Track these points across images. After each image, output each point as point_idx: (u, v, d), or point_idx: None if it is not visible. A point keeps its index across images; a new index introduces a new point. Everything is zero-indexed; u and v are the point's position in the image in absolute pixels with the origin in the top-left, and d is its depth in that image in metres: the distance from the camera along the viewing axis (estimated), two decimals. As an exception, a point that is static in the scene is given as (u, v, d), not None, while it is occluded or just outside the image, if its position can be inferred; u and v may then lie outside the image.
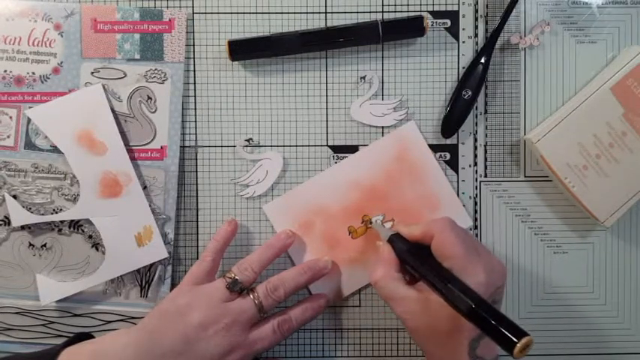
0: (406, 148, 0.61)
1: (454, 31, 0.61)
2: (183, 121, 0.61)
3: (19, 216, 0.59)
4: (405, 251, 0.53)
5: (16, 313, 0.61)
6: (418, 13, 0.60)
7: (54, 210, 0.60)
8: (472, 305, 0.45)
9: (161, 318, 0.54)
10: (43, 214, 0.60)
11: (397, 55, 0.61)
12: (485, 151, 0.62)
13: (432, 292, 0.49)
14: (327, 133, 0.61)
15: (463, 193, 0.62)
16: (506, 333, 0.43)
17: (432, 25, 0.61)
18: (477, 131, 0.62)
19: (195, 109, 0.61)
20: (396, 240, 0.55)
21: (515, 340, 0.42)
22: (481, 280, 0.49)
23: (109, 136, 0.59)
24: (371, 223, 0.61)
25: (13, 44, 0.59)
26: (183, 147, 0.61)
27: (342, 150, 0.61)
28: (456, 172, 0.62)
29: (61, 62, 0.60)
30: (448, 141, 0.61)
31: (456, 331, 0.49)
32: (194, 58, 0.61)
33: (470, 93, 0.60)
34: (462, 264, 0.50)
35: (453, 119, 0.60)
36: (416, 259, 0.52)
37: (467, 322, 0.46)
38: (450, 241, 0.51)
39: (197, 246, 0.62)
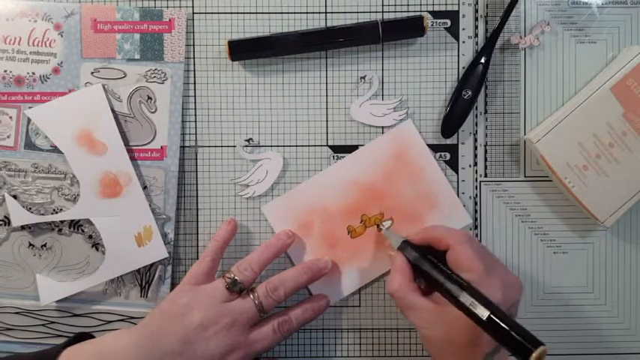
0: (404, 146, 0.61)
1: (454, 31, 0.61)
2: (183, 121, 0.61)
3: (19, 216, 0.59)
4: (417, 258, 0.53)
5: (16, 313, 0.61)
6: (418, 13, 0.60)
7: (54, 210, 0.60)
8: (488, 313, 0.45)
9: (161, 318, 0.54)
10: (43, 214, 0.60)
11: (397, 55, 0.61)
12: (486, 151, 0.62)
13: (449, 302, 0.49)
14: (327, 133, 0.61)
15: (463, 193, 0.62)
16: (523, 341, 0.43)
17: (432, 25, 0.61)
18: (477, 131, 0.62)
19: (195, 109, 0.61)
20: (406, 247, 0.55)
21: (531, 348, 0.42)
22: (497, 296, 0.48)
23: (109, 136, 0.59)
24: (380, 229, 0.60)
25: (13, 44, 0.59)
26: (183, 147, 0.61)
27: (342, 150, 0.61)
28: (456, 172, 0.62)
29: (61, 62, 0.60)
30: (448, 141, 0.61)
31: (472, 344, 0.49)
32: (194, 58, 0.61)
33: (470, 93, 0.60)
34: (478, 279, 0.49)
35: (453, 119, 0.60)
36: (429, 266, 0.52)
37: (483, 335, 0.46)
38: (468, 255, 0.50)
39: (197, 246, 0.62)
